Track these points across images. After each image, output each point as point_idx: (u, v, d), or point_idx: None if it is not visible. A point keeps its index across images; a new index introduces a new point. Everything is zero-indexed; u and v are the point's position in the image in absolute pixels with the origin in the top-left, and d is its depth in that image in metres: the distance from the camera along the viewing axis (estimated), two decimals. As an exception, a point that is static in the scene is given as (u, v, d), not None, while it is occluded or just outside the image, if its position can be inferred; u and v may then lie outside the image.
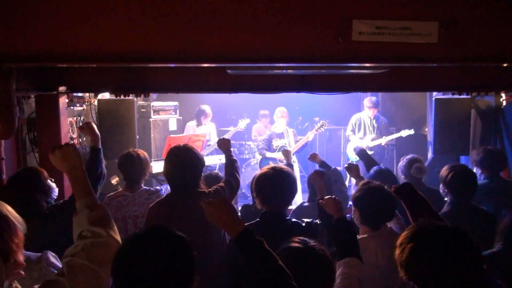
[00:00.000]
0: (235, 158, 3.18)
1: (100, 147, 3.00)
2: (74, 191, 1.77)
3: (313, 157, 4.11)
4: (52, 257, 1.98)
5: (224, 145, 3.32)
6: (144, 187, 3.38)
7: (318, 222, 2.55)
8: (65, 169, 1.78)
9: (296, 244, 1.81)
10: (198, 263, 1.42)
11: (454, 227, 1.62)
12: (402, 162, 3.79)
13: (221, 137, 3.44)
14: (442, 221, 1.94)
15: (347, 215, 3.21)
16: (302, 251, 1.78)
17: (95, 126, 3.10)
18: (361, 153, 4.13)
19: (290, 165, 4.08)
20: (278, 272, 1.59)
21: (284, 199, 2.54)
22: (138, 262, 1.31)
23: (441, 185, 3.15)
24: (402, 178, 3.78)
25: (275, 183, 2.50)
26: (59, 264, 1.93)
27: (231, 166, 3.09)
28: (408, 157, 3.79)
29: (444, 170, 3.14)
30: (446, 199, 3.12)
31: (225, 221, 1.73)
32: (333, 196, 2.38)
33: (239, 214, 3.64)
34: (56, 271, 1.82)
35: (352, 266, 2.00)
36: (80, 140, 4.52)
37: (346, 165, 3.62)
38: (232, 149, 3.33)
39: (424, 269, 1.53)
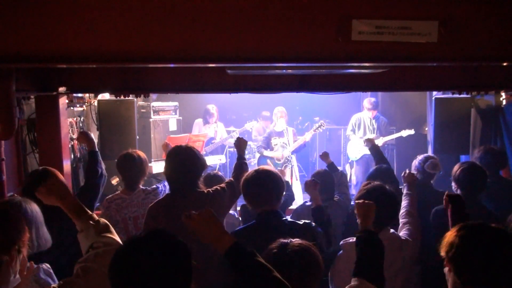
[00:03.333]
0: (246, 162, 3.16)
1: (97, 150, 3.17)
2: (72, 215, 1.84)
3: (325, 156, 4.15)
4: (43, 274, 1.96)
5: (240, 146, 3.31)
6: (141, 187, 3.37)
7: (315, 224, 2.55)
8: (55, 201, 1.86)
9: (276, 244, 1.83)
10: (196, 267, 1.40)
11: (503, 229, 1.65)
12: (417, 159, 3.80)
13: (240, 137, 3.44)
14: None
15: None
16: (278, 248, 1.80)
17: (90, 133, 3.36)
18: (374, 148, 4.12)
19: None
20: (275, 284, 1.52)
21: (272, 197, 2.53)
22: (134, 266, 1.30)
23: (452, 182, 3.20)
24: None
25: (259, 184, 2.50)
26: (50, 280, 1.93)
27: (240, 169, 3.06)
28: (424, 154, 3.85)
29: (455, 167, 3.20)
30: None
31: (211, 236, 1.62)
32: (367, 202, 2.19)
33: (239, 214, 3.65)
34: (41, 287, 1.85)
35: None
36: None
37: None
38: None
39: (471, 264, 1.55)
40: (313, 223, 2.54)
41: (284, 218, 2.52)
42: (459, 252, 1.57)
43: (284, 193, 2.74)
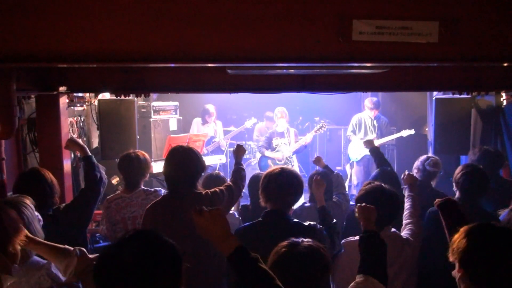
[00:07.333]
0: (243, 167, 3.18)
1: (90, 154, 3.08)
2: (52, 259, 1.89)
3: (318, 161, 4.12)
4: (54, 268, 1.98)
5: (238, 152, 3.33)
6: (142, 188, 3.37)
7: (320, 226, 2.56)
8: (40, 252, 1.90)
9: (287, 242, 1.83)
10: (192, 268, 1.39)
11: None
12: (419, 160, 3.79)
13: (239, 144, 3.46)
14: None
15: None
16: (289, 247, 1.80)
17: (78, 140, 3.32)
18: (374, 150, 4.13)
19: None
20: None
21: (288, 199, 2.54)
22: (118, 266, 1.26)
23: (454, 184, 3.18)
24: (414, 173, 3.78)
25: (281, 182, 2.51)
26: (60, 275, 1.96)
27: (238, 174, 3.08)
28: (425, 155, 3.86)
29: (458, 169, 3.19)
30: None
31: (217, 236, 1.61)
32: (368, 205, 2.24)
33: (240, 215, 3.65)
34: (53, 281, 1.88)
35: (363, 283, 1.93)
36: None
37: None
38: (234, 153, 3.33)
39: (478, 262, 1.56)
40: (319, 225, 2.54)
41: (289, 218, 2.52)
42: (472, 257, 1.58)
43: None
